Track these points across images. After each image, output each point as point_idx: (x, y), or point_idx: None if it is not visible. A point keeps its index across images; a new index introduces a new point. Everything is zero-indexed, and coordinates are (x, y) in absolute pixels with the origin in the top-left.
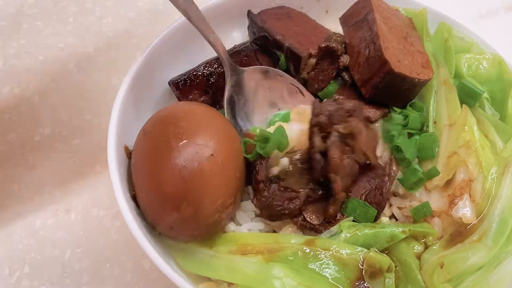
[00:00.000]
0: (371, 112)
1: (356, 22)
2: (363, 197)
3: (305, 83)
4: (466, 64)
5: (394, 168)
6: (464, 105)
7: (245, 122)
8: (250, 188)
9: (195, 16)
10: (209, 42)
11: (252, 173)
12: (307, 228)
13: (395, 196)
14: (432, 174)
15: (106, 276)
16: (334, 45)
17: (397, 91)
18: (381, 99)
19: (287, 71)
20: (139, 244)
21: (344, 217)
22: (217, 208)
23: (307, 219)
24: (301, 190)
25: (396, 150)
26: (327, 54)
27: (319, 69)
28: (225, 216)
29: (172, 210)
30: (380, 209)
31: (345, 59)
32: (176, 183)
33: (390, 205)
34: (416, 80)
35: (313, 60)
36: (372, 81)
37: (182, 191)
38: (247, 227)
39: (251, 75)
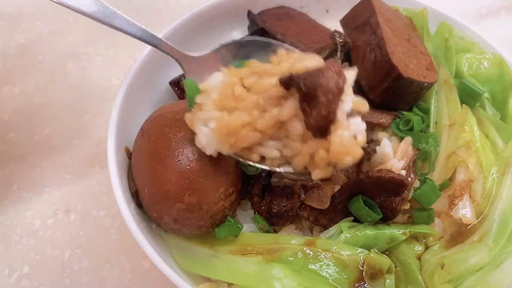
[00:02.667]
0: (382, 117)
1: (358, 25)
2: (378, 202)
3: None
4: (466, 64)
5: (412, 176)
6: (464, 105)
7: None
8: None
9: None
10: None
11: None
12: (317, 225)
13: None
14: (443, 187)
15: (105, 276)
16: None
17: (405, 95)
18: (389, 103)
19: None
20: (138, 244)
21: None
22: (220, 196)
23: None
24: (293, 182)
25: (422, 156)
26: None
27: None
28: (228, 205)
29: (176, 201)
30: (391, 217)
31: (345, 68)
32: (178, 174)
33: None
34: (424, 84)
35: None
36: (381, 86)
37: (184, 181)
38: (247, 226)
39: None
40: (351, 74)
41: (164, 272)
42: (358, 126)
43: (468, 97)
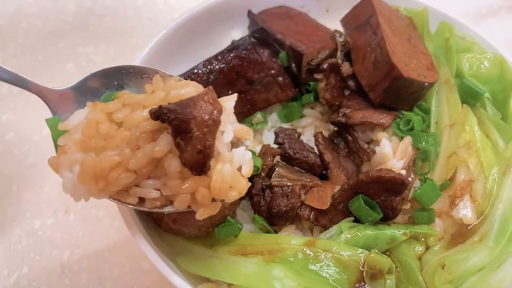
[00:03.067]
0: (383, 117)
1: (358, 25)
2: (379, 202)
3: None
4: (467, 63)
5: (412, 175)
6: (464, 105)
7: None
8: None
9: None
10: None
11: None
12: (317, 225)
13: None
14: (444, 187)
15: (105, 277)
16: (338, 61)
17: (405, 95)
18: (390, 103)
19: (288, 69)
20: (138, 245)
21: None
22: None
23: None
24: (294, 183)
25: (422, 155)
26: (331, 69)
27: (330, 87)
28: (228, 205)
29: None
30: (391, 217)
31: (347, 69)
32: None
33: None
34: (424, 83)
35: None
36: (381, 86)
37: None
38: (247, 226)
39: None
40: (230, 102)
41: (163, 273)
42: (243, 156)
43: (469, 97)
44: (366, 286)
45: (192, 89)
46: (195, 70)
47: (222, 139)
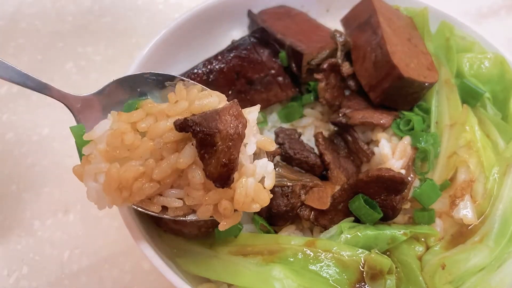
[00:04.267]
0: (383, 118)
1: (359, 25)
2: (379, 202)
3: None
4: (467, 63)
5: (412, 175)
6: (464, 105)
7: None
8: None
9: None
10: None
11: None
12: (317, 225)
13: None
14: (444, 187)
15: (105, 277)
16: (338, 61)
17: (406, 95)
18: (390, 103)
19: (288, 69)
20: (137, 245)
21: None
22: None
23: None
24: (294, 183)
25: (421, 154)
26: (332, 69)
27: (330, 87)
28: None
29: None
30: (391, 217)
31: (347, 69)
32: None
33: None
34: (425, 83)
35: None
36: (381, 86)
37: None
38: (247, 227)
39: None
40: (253, 113)
41: (163, 273)
42: (266, 167)
43: (469, 97)
44: (366, 286)
45: (216, 99)
46: (195, 70)
47: (245, 152)
